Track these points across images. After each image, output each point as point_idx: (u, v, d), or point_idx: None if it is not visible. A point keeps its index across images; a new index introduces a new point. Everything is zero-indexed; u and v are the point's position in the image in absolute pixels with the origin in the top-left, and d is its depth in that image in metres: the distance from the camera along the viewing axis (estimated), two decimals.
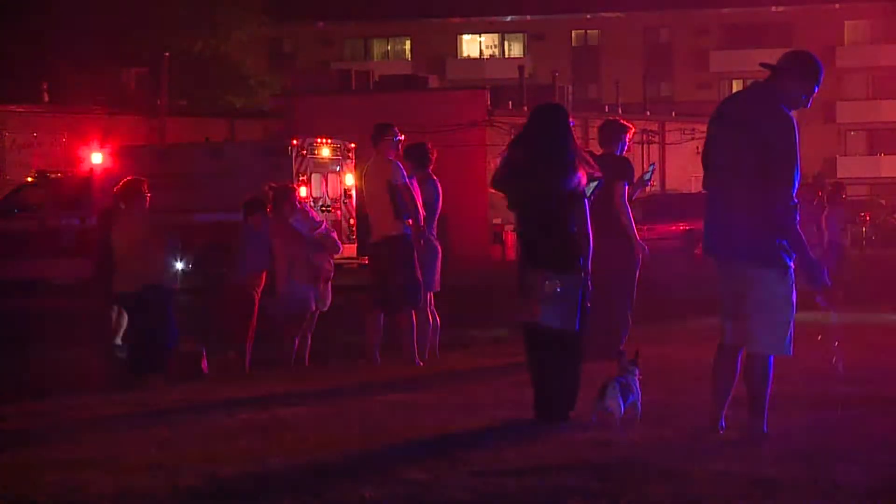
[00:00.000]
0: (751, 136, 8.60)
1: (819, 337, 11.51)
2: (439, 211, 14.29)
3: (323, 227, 14.69)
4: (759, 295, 8.68)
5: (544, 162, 9.83)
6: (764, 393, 8.79)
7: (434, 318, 14.18)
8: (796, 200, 8.65)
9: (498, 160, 10.29)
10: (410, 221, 13.59)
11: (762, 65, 8.92)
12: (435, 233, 14.22)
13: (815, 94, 8.83)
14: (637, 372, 9.65)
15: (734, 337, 8.86)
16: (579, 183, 9.90)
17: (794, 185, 8.61)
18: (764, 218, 8.60)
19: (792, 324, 8.78)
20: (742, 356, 8.86)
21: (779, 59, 8.85)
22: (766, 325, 8.72)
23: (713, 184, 8.83)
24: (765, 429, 8.81)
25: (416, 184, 13.76)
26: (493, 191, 10.54)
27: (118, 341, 16.52)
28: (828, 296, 8.82)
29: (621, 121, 14.46)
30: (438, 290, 14.28)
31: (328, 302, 14.56)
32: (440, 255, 14.24)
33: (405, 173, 13.62)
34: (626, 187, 13.68)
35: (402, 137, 13.95)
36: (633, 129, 14.39)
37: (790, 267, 8.69)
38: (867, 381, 11.64)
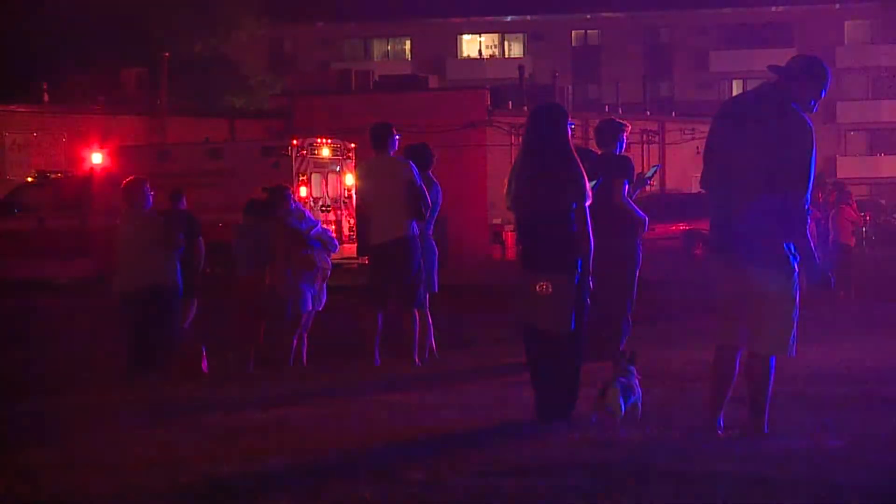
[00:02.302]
0: (769, 138, 8.56)
1: None
2: (438, 212, 14.29)
3: (319, 225, 14.69)
4: (764, 295, 8.67)
5: (557, 184, 9.82)
6: (765, 393, 8.79)
7: (428, 319, 14.20)
8: (809, 203, 8.64)
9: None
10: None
11: (770, 68, 8.90)
12: (432, 233, 14.21)
13: (821, 99, 8.83)
14: (634, 371, 9.65)
15: (734, 337, 8.85)
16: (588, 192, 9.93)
17: (809, 189, 8.60)
18: (774, 219, 8.58)
19: (796, 325, 8.78)
20: (741, 356, 8.86)
21: (788, 62, 8.84)
22: (771, 325, 8.72)
23: (720, 183, 8.79)
24: (765, 429, 8.81)
25: None
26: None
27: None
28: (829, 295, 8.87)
29: (617, 119, 14.47)
30: (436, 290, 14.29)
31: (323, 301, 14.57)
32: (437, 256, 14.26)
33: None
34: (626, 185, 13.67)
35: (399, 137, 13.98)
36: (630, 127, 14.39)
37: (795, 269, 8.69)
38: (867, 382, 11.64)
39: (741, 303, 8.75)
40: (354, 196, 31.50)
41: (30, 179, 35.26)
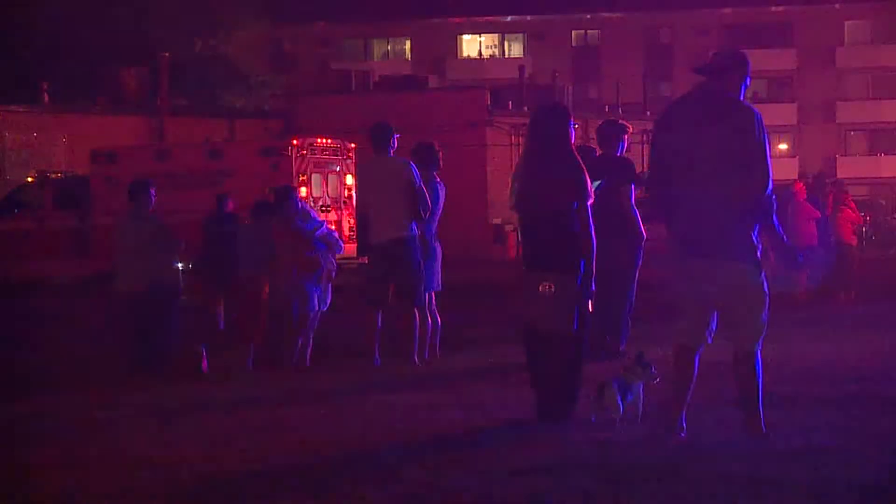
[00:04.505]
0: (723, 133, 8.67)
1: None
2: (440, 212, 14.30)
3: (324, 226, 14.69)
4: (743, 290, 8.74)
5: (559, 185, 9.84)
6: (757, 391, 8.82)
7: (435, 319, 14.19)
8: (772, 187, 8.73)
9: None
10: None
11: (697, 70, 9.07)
12: (436, 233, 14.22)
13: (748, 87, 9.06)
14: (654, 370, 9.63)
15: (697, 338, 8.89)
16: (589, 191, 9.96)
17: (770, 174, 8.72)
18: (741, 210, 8.67)
19: (768, 320, 8.86)
20: (699, 357, 8.92)
21: (713, 60, 9.02)
22: (749, 321, 8.79)
23: (680, 187, 8.84)
24: (763, 427, 8.81)
25: None
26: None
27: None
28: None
29: (619, 121, 14.46)
30: (440, 290, 14.29)
31: (328, 301, 14.57)
32: (441, 255, 14.25)
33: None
34: (633, 188, 13.66)
35: (399, 137, 14.00)
36: (631, 129, 14.40)
37: (760, 263, 8.79)
38: (867, 381, 11.64)
39: (709, 301, 8.78)
40: (355, 196, 31.64)
41: (30, 179, 35.23)
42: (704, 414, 9.17)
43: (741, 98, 8.88)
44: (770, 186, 8.72)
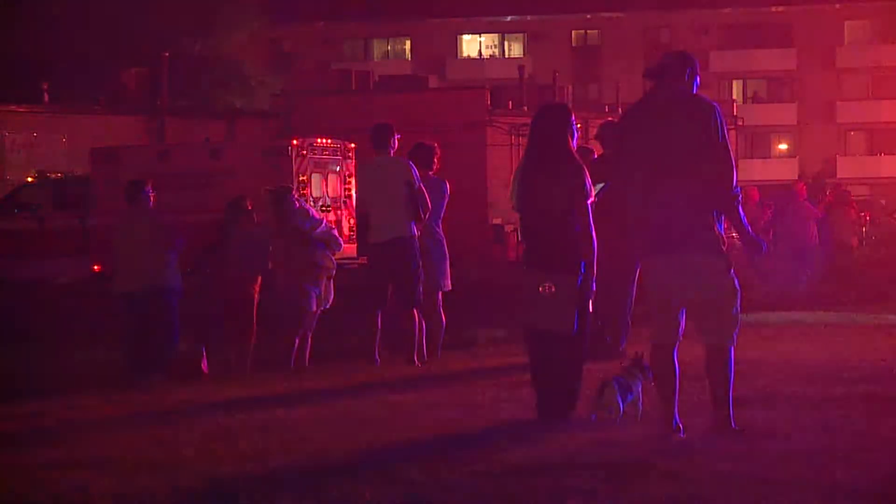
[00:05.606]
0: (688, 128, 8.76)
1: None
2: (444, 211, 14.32)
3: (324, 224, 14.70)
4: (708, 286, 8.79)
5: (559, 185, 9.85)
6: (728, 388, 8.89)
7: (440, 318, 14.22)
8: (736, 182, 8.83)
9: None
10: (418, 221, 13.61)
11: (647, 74, 9.13)
12: (442, 233, 14.25)
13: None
14: (650, 375, 9.64)
15: (672, 335, 8.94)
16: (591, 190, 9.97)
17: (734, 162, 8.81)
18: (708, 204, 8.73)
19: (739, 314, 8.91)
20: (677, 352, 8.98)
21: (663, 63, 9.05)
22: (719, 316, 8.84)
23: (643, 184, 8.88)
24: (733, 424, 8.87)
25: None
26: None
27: None
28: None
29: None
30: (449, 289, 14.34)
31: (331, 299, 14.58)
32: (448, 254, 14.33)
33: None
34: None
35: (399, 137, 14.02)
36: None
37: (728, 256, 8.86)
38: (867, 381, 11.64)
39: (686, 296, 8.82)
40: (355, 196, 31.64)
41: (30, 179, 35.26)
42: (702, 414, 9.17)
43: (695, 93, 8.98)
44: (736, 178, 8.78)
